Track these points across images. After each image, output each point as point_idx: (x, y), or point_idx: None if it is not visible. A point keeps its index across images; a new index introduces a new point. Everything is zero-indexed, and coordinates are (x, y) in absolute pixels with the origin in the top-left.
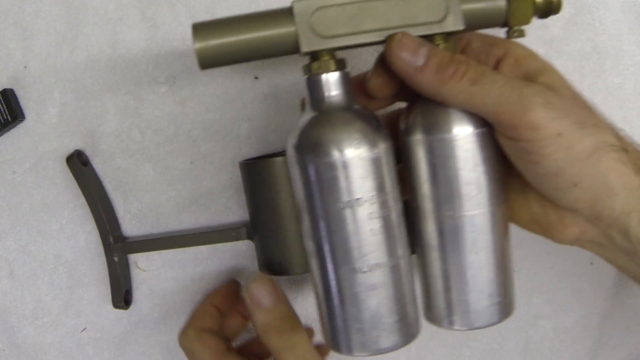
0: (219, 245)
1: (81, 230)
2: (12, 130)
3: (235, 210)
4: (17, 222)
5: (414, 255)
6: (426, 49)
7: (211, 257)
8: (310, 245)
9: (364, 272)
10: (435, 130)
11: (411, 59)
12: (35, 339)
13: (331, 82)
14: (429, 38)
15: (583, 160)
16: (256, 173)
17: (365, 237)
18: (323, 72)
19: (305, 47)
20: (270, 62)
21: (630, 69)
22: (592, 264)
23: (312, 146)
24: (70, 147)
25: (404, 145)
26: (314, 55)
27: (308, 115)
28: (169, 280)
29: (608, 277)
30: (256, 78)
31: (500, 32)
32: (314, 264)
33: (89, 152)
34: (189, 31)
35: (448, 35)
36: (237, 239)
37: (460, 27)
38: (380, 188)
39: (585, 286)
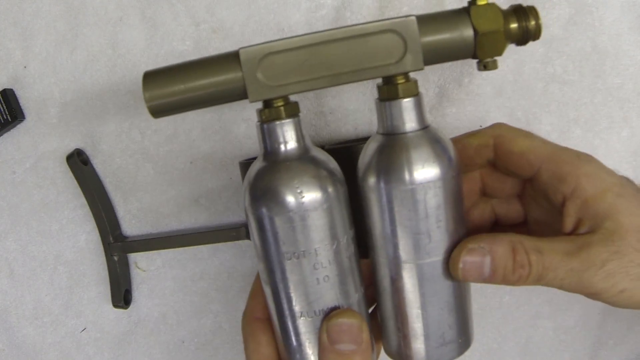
0: (219, 245)
1: (81, 230)
2: (12, 130)
3: (235, 210)
4: (17, 222)
5: None
6: (489, 262)
7: (211, 257)
8: (266, 290)
9: (311, 317)
10: (390, 179)
11: (478, 275)
12: (35, 339)
13: (280, 131)
14: (388, 78)
15: None
16: None
17: (311, 287)
18: (273, 120)
19: (252, 97)
20: None
21: (630, 69)
22: None
23: (254, 198)
24: (70, 147)
25: (359, 188)
26: (266, 101)
27: (257, 164)
28: (169, 280)
29: None
30: None
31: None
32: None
33: (89, 152)
34: (188, 31)
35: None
36: (237, 238)
37: (420, 66)
38: (327, 238)
39: None
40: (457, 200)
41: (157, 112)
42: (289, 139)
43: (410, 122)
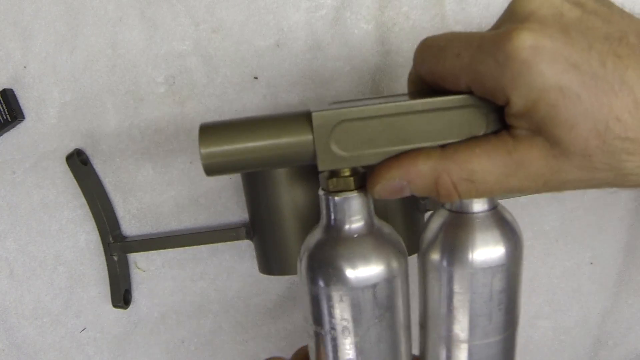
0: (219, 245)
1: (81, 230)
2: (12, 130)
3: (235, 210)
4: (17, 222)
5: None
6: (409, 189)
7: (211, 257)
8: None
9: None
10: (455, 259)
11: (399, 196)
12: (35, 339)
13: (349, 204)
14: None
15: None
16: (256, 173)
17: (367, 356)
18: (341, 192)
19: (322, 166)
20: (269, 62)
21: None
22: (592, 264)
23: (312, 269)
24: (70, 147)
25: (421, 263)
26: (333, 171)
27: (317, 235)
28: (168, 280)
29: (608, 277)
30: (256, 78)
31: None
32: None
33: (89, 152)
34: (188, 31)
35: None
36: (237, 238)
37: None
38: (389, 311)
39: (585, 286)
40: (519, 280)
41: (213, 171)
42: (356, 214)
43: (479, 202)
